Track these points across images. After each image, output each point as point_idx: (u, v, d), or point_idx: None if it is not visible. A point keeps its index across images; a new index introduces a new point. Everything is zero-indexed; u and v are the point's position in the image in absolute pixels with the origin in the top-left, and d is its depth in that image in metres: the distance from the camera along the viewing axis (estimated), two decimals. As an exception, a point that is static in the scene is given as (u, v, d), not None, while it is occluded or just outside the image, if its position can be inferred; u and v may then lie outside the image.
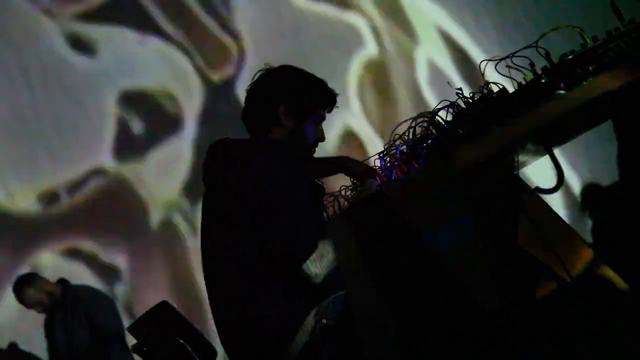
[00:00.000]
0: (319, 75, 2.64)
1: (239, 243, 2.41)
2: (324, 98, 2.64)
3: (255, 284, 2.40)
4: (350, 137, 6.66)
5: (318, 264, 2.36)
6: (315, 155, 2.70)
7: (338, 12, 6.88)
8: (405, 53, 6.92)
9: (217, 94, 6.60)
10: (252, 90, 2.64)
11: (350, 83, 6.79)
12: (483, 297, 1.60)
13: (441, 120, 2.02)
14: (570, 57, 1.79)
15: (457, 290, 1.59)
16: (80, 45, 6.52)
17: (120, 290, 6.23)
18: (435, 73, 6.89)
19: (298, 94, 2.58)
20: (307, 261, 2.35)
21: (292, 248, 2.36)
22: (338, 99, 2.67)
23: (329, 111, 2.68)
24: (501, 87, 1.89)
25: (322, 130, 2.65)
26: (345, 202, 2.53)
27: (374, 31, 6.91)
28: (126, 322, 5.21)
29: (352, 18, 6.92)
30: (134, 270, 6.32)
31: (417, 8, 6.98)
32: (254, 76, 2.65)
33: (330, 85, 2.66)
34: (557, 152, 1.91)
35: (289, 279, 2.37)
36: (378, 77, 6.91)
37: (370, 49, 6.94)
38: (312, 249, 2.35)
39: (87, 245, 6.30)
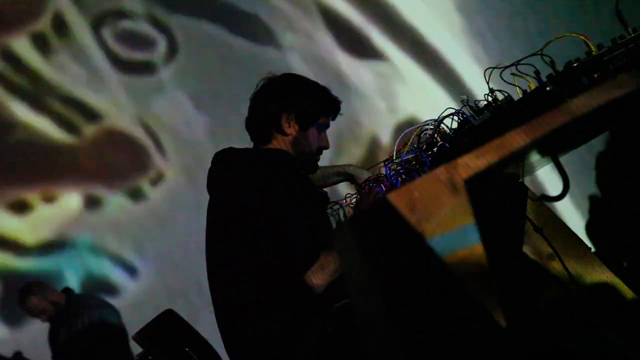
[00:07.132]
0: None
1: (241, 253, 2.41)
2: (327, 105, 2.63)
3: (258, 292, 2.40)
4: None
5: (319, 275, 2.35)
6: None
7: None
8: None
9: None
10: (255, 99, 2.64)
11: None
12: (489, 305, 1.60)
13: (446, 128, 2.02)
14: (575, 64, 1.79)
15: (462, 299, 1.58)
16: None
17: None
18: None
19: (300, 102, 2.58)
20: (309, 271, 2.34)
21: (293, 259, 2.35)
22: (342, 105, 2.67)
23: (333, 118, 2.67)
24: (506, 94, 1.89)
25: (326, 137, 2.64)
26: (350, 210, 2.53)
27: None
28: (131, 331, 5.20)
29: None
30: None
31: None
32: (257, 85, 2.65)
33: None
34: (562, 159, 1.91)
35: (291, 288, 2.37)
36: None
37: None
38: (314, 260, 2.35)
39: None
